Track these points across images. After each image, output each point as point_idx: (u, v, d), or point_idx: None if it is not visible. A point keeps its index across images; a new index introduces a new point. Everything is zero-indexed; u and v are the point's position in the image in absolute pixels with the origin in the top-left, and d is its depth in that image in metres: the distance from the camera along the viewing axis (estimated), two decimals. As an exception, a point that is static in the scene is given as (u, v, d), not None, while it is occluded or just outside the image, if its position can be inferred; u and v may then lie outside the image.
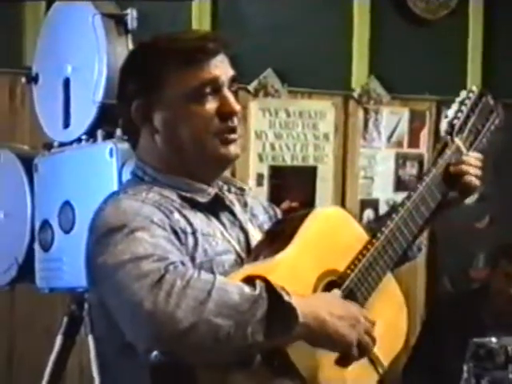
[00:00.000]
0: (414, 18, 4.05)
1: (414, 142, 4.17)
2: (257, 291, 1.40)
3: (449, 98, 4.11)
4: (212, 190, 1.63)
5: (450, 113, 1.87)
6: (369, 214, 4.07)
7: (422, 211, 1.74)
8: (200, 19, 3.55)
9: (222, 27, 3.56)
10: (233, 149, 1.61)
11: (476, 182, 1.81)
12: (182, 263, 1.44)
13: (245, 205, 1.72)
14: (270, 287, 1.41)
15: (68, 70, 2.52)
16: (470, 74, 4.23)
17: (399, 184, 4.14)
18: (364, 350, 1.51)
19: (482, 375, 2.68)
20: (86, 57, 2.45)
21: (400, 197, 3.96)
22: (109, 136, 2.41)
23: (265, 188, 3.80)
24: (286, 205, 3.77)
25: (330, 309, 1.47)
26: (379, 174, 4.10)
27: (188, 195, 1.60)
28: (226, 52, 1.62)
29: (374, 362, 1.64)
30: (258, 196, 1.88)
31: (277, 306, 1.40)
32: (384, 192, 4.11)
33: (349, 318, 1.49)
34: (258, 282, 1.42)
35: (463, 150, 1.82)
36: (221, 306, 1.37)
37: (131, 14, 2.39)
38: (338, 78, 3.95)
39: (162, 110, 1.59)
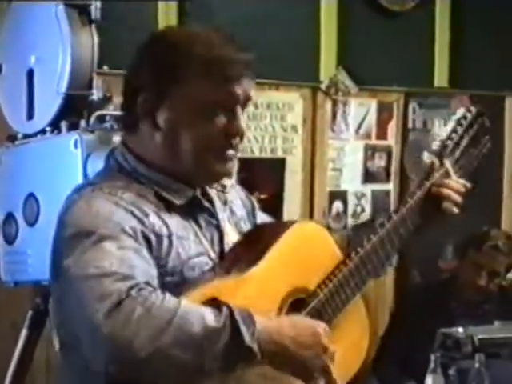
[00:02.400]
0: (381, 10, 4.05)
1: (382, 133, 4.17)
2: (220, 323, 1.37)
3: (417, 90, 4.18)
4: (190, 192, 1.59)
5: (444, 131, 1.84)
6: (337, 205, 4.08)
7: (401, 233, 1.72)
8: (167, 10, 3.52)
9: (189, 19, 3.54)
10: (230, 166, 1.58)
11: (454, 210, 1.78)
12: (147, 283, 1.40)
13: (225, 202, 1.69)
14: (234, 320, 1.38)
15: (32, 60, 2.49)
16: (438, 66, 4.24)
17: (367, 176, 4.15)
18: (327, 375, 1.50)
19: (449, 365, 2.70)
20: (49, 47, 2.42)
21: (368, 188, 4.08)
22: (73, 127, 2.39)
23: (233, 180, 3.78)
24: (254, 197, 3.75)
25: (297, 337, 1.45)
26: (347, 165, 4.10)
27: (164, 195, 1.57)
28: (252, 75, 1.57)
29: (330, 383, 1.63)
30: (237, 188, 1.83)
31: (237, 346, 1.37)
32: (352, 184, 4.12)
33: (316, 349, 1.47)
34: (224, 311, 1.38)
35: (452, 174, 1.79)
36: (179, 338, 1.35)
37: (95, 5, 2.37)
38: (306, 70, 3.95)
39: (169, 111, 1.54)
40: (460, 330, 2.80)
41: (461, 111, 1.86)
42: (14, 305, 3.07)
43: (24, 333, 2.56)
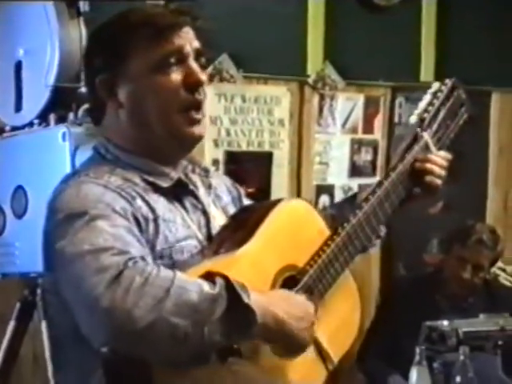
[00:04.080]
0: (368, 4, 4.06)
1: (368, 127, 4.18)
2: (216, 290, 1.38)
3: (403, 84, 4.19)
4: (175, 174, 1.61)
5: (421, 105, 1.84)
6: (324, 199, 4.09)
7: (386, 207, 1.73)
8: (154, 3, 3.52)
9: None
10: (197, 129, 1.58)
11: (438, 182, 1.78)
12: (142, 258, 1.41)
13: (209, 186, 1.70)
14: (229, 286, 1.39)
15: (20, 53, 2.50)
16: (424, 61, 4.26)
17: (354, 170, 4.16)
18: (319, 348, 1.55)
19: (434, 357, 2.72)
20: (37, 40, 2.43)
21: (355, 182, 4.09)
22: (61, 120, 2.40)
23: (220, 173, 3.79)
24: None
25: (289, 309, 1.47)
26: (334, 159, 4.11)
27: (150, 179, 1.58)
28: (192, 25, 1.59)
29: (324, 358, 1.65)
30: (221, 175, 1.85)
31: (235, 307, 1.38)
32: (339, 177, 4.13)
33: (306, 321, 1.50)
34: (218, 280, 1.40)
35: (431, 146, 1.80)
36: (179, 305, 1.35)
37: (83, -3, 2.37)
38: (294, 64, 3.95)
39: (127, 84, 1.56)
40: (445, 323, 2.82)
41: (436, 85, 1.87)
42: (2, 297, 3.07)
43: (12, 324, 2.56)
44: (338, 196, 4.11)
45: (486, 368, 2.73)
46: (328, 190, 4.10)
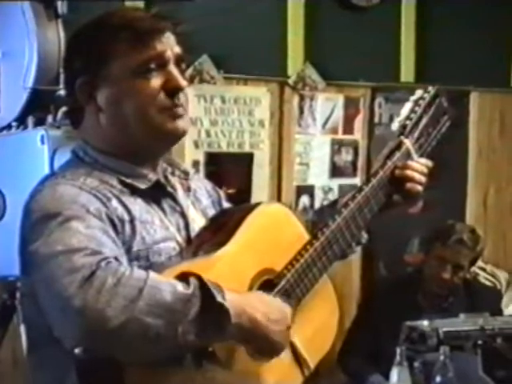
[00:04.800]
0: (348, 5, 4.07)
1: (348, 128, 4.19)
2: (190, 290, 1.38)
3: (383, 85, 4.20)
4: (153, 176, 1.61)
5: (403, 112, 1.84)
6: (304, 200, 4.10)
7: (365, 213, 1.73)
8: (134, 6, 3.51)
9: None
10: (181, 124, 1.57)
11: (418, 189, 1.77)
12: (116, 258, 1.41)
13: (188, 189, 1.70)
14: (203, 286, 1.39)
15: (-3, 55, 2.48)
16: (404, 61, 4.27)
17: (334, 170, 4.17)
18: (296, 353, 1.54)
19: (415, 357, 2.73)
20: (15, 42, 2.42)
21: (335, 183, 4.11)
22: (40, 122, 2.39)
23: (201, 175, 3.79)
24: (222, 192, 3.76)
25: (265, 310, 1.46)
26: (314, 160, 4.12)
27: (128, 181, 1.58)
28: (173, 31, 1.59)
29: (301, 363, 1.65)
30: (201, 178, 1.85)
31: (209, 307, 1.38)
32: (319, 178, 4.13)
33: (282, 324, 1.49)
34: (192, 280, 1.40)
35: (413, 153, 1.80)
36: (152, 305, 1.34)
37: (61, -1, 2.36)
38: (274, 65, 3.96)
39: (107, 87, 1.56)
40: (425, 323, 2.82)
41: (419, 92, 1.87)
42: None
43: (-9, 328, 2.55)
44: (319, 196, 4.12)
45: (466, 367, 2.74)
46: (308, 190, 4.11)
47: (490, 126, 4.57)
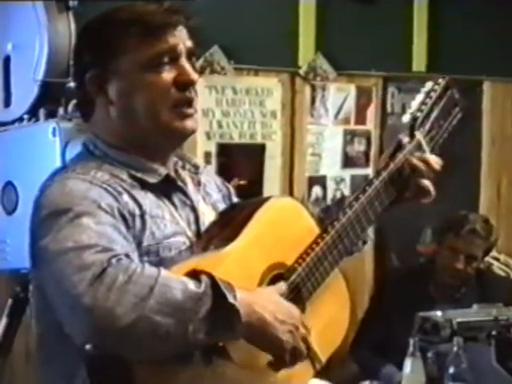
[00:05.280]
0: (359, -5, 4.06)
1: (361, 118, 4.17)
2: (201, 289, 1.37)
3: (395, 75, 4.18)
4: (163, 170, 1.60)
5: (414, 104, 1.82)
6: (317, 191, 4.09)
7: (376, 207, 1.72)
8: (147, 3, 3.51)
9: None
10: (189, 123, 1.57)
11: (430, 187, 1.76)
12: (127, 255, 1.40)
13: (198, 183, 1.69)
14: (215, 284, 1.38)
15: (8, 47, 2.48)
16: (416, 51, 4.25)
17: (347, 161, 4.15)
18: (297, 358, 1.50)
19: (428, 348, 2.72)
20: (26, 34, 2.42)
21: (347, 173, 4.09)
22: (51, 115, 2.39)
23: (213, 166, 3.78)
24: (234, 183, 3.76)
25: (274, 310, 1.46)
26: (327, 150, 4.10)
27: (138, 175, 1.57)
28: (185, 24, 1.59)
29: (312, 357, 1.64)
30: (211, 173, 1.85)
31: (220, 306, 1.37)
32: (332, 169, 4.12)
33: (290, 324, 1.48)
34: (204, 278, 1.39)
35: (424, 145, 1.78)
36: (162, 304, 1.34)
37: (72, -9, 2.36)
38: (285, 55, 3.94)
39: (118, 80, 1.56)
40: (438, 313, 2.82)
41: (429, 84, 1.85)
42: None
43: (4, 321, 2.55)
44: (331, 187, 4.10)
45: (480, 358, 2.74)
46: (320, 181, 4.10)
47: (503, 116, 4.54)
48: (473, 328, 2.79)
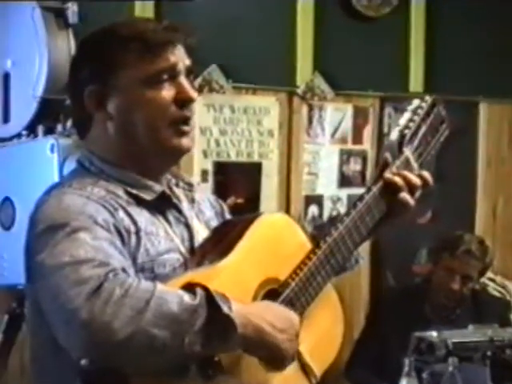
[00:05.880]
0: (356, 15, 4.07)
1: (357, 138, 4.19)
2: (196, 301, 1.38)
3: (392, 95, 4.20)
4: (159, 188, 1.62)
5: (402, 121, 1.83)
6: (313, 210, 4.09)
7: (367, 222, 1.72)
8: (143, 16, 3.52)
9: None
10: (185, 141, 1.59)
11: (408, 200, 1.74)
12: (123, 270, 1.41)
13: (192, 200, 1.71)
14: (209, 296, 1.40)
15: (8, 64, 2.49)
16: (413, 71, 4.27)
17: (343, 180, 4.16)
18: (301, 362, 1.54)
19: (423, 368, 2.72)
20: (25, 51, 2.43)
21: (344, 193, 4.10)
22: (50, 131, 2.40)
23: (209, 184, 3.79)
24: (231, 201, 3.77)
25: (271, 320, 1.47)
26: (323, 170, 4.11)
27: (134, 191, 1.58)
28: (184, 42, 1.61)
29: (307, 372, 1.65)
30: (204, 191, 1.86)
31: (216, 318, 1.38)
32: (328, 188, 4.13)
33: (290, 333, 1.49)
34: (199, 291, 1.40)
35: (412, 162, 1.79)
36: (158, 316, 1.35)
37: (72, 8, 2.37)
38: (283, 75, 3.96)
39: (118, 96, 1.57)
40: (434, 333, 2.82)
41: (416, 102, 1.86)
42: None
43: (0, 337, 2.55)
44: (327, 206, 4.11)
45: (475, 379, 2.74)
46: (317, 200, 4.10)
47: (499, 137, 4.56)
48: (468, 348, 2.79)
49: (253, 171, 3.93)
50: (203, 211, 1.74)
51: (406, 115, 1.84)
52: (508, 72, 4.51)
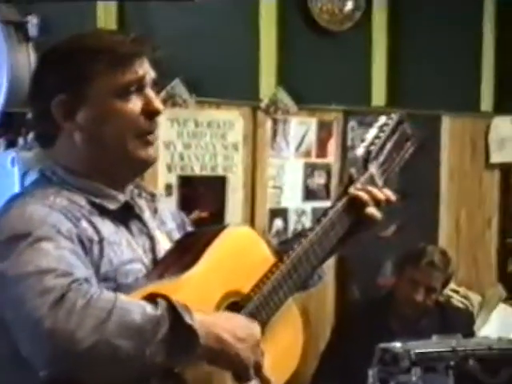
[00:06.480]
0: (319, 30, 4.10)
1: (321, 151, 4.21)
2: (159, 311, 1.39)
3: (355, 108, 4.23)
4: (122, 197, 1.62)
5: (367, 137, 1.85)
6: (278, 223, 4.10)
7: (331, 237, 1.73)
8: (106, 28, 3.52)
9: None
10: (152, 152, 1.61)
11: (374, 214, 1.76)
12: (86, 280, 1.42)
13: (155, 211, 1.71)
14: (172, 307, 1.40)
15: (-32, 77, 2.47)
16: (375, 85, 4.30)
17: (308, 193, 4.18)
18: (260, 371, 1.52)
19: (388, 379, 2.74)
20: (-14, 64, 2.41)
21: (309, 206, 4.11)
22: (11, 145, 2.38)
23: (174, 198, 3.79)
24: (195, 215, 3.77)
25: (232, 330, 1.47)
26: (288, 183, 4.12)
27: (97, 201, 1.59)
28: (149, 55, 1.63)
29: None
30: (166, 202, 1.87)
31: (178, 328, 1.39)
32: (293, 201, 4.14)
33: (250, 341, 1.50)
34: (160, 302, 1.41)
35: (376, 178, 1.81)
36: (121, 327, 1.36)
37: (31, 21, 2.36)
38: (246, 89, 3.97)
39: (87, 107, 1.58)
40: (398, 344, 2.84)
41: (383, 118, 1.88)
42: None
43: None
44: (292, 219, 4.12)
45: (439, 389, 2.75)
46: (282, 213, 4.11)
47: (462, 150, 4.61)
48: (432, 359, 2.82)
49: (217, 185, 3.93)
50: (165, 222, 1.75)
51: (372, 132, 1.86)
52: (470, 85, 4.57)
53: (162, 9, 3.71)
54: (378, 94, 4.30)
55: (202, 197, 3.88)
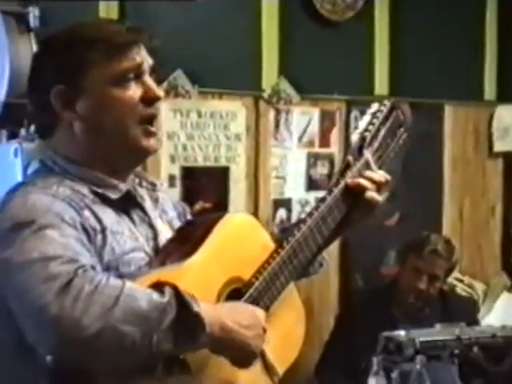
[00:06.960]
0: (321, 20, 4.09)
1: (324, 141, 4.21)
2: (165, 299, 1.40)
3: (358, 98, 4.23)
4: (124, 187, 1.63)
5: (361, 124, 1.86)
6: (281, 213, 4.10)
7: (329, 223, 1.75)
8: (109, 22, 3.51)
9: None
10: (153, 142, 1.61)
11: (375, 197, 1.77)
12: (92, 267, 1.42)
13: (156, 200, 1.72)
14: (178, 295, 1.41)
15: (-31, 69, 2.48)
16: (378, 75, 4.30)
17: (311, 183, 4.18)
18: (264, 358, 1.56)
19: (391, 367, 2.73)
20: (-13, 56, 2.41)
21: (312, 196, 4.12)
22: (13, 136, 2.38)
23: (177, 189, 3.79)
24: (199, 206, 3.77)
25: (237, 318, 1.49)
26: (291, 173, 4.13)
27: (99, 190, 1.59)
28: (147, 43, 1.63)
29: (269, 370, 1.66)
30: (167, 191, 1.87)
31: (184, 315, 1.40)
32: (296, 191, 4.14)
33: (256, 329, 1.52)
34: (167, 289, 1.41)
35: (372, 164, 1.81)
36: (128, 313, 1.36)
37: (33, 13, 2.36)
38: (249, 79, 3.97)
39: (86, 96, 1.58)
40: (402, 333, 2.84)
41: (375, 105, 1.89)
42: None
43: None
44: (296, 209, 4.13)
45: (443, 377, 2.75)
46: (285, 203, 4.12)
47: (465, 139, 4.60)
48: (436, 347, 2.81)
49: (220, 176, 3.93)
50: (166, 211, 1.76)
51: (366, 118, 1.87)
52: (472, 74, 4.57)
53: (163, 2, 3.70)
54: (381, 84, 4.29)
55: (206, 187, 3.88)
